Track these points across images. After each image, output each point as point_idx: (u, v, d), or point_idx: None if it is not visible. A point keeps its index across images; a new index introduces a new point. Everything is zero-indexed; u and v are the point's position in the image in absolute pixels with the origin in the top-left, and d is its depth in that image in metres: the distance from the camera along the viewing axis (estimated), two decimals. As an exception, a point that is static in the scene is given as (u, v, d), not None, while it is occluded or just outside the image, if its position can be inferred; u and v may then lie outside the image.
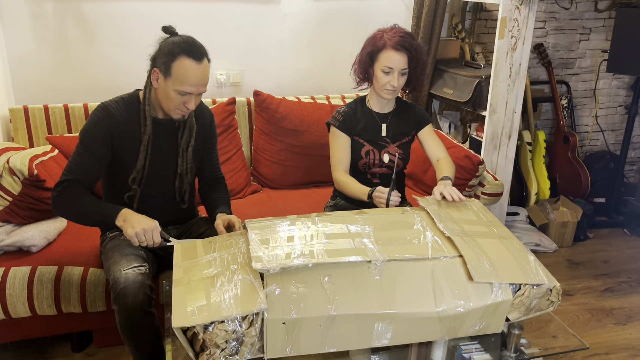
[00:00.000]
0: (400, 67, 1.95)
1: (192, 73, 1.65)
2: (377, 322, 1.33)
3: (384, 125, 2.10)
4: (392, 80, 1.96)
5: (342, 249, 1.43)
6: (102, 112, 1.75)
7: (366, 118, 2.09)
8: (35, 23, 2.56)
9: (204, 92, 1.74)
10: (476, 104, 2.79)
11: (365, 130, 2.08)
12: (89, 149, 1.72)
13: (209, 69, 1.72)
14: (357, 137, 2.08)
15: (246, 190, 2.65)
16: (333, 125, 2.07)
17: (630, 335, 2.38)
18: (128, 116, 1.77)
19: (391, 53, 1.94)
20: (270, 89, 2.88)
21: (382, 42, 1.96)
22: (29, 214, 2.05)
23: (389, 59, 1.94)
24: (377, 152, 2.09)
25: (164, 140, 1.83)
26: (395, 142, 2.11)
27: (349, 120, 2.07)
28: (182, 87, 1.66)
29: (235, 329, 1.25)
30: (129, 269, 1.66)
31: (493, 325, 1.43)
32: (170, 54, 1.65)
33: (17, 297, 1.92)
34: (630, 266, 2.96)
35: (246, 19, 2.82)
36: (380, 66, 1.96)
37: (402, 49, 1.94)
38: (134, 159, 1.79)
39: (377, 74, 1.98)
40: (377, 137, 2.09)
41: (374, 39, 1.99)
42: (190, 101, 1.71)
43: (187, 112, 1.76)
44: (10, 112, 2.48)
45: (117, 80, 2.71)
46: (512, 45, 2.58)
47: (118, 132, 1.75)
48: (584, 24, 3.48)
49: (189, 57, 1.65)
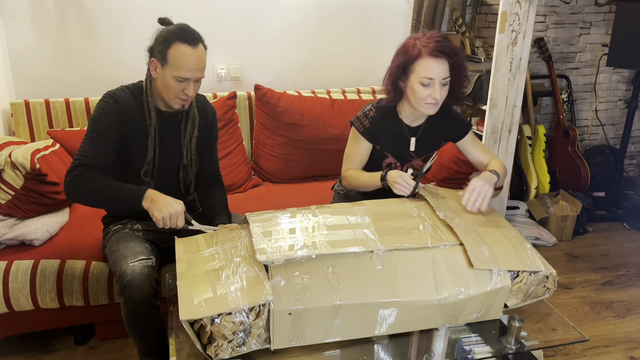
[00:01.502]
0: (442, 76, 1.71)
1: (187, 58, 1.66)
2: (380, 310, 1.34)
3: (413, 139, 1.90)
4: (434, 92, 1.72)
5: (344, 239, 1.44)
6: (111, 99, 1.75)
7: (395, 130, 1.89)
8: (35, 17, 2.56)
9: (202, 78, 1.74)
10: (477, 98, 2.79)
11: (392, 144, 1.90)
12: (101, 133, 1.71)
13: (205, 55, 1.72)
14: (380, 147, 1.91)
15: (247, 184, 2.66)
16: (357, 129, 1.89)
17: (629, 328, 2.40)
18: (135, 104, 1.78)
19: (429, 61, 1.70)
20: (270, 83, 2.88)
21: (416, 51, 1.72)
22: (31, 207, 2.06)
23: (428, 68, 1.70)
24: (400, 166, 1.93)
25: (167, 131, 1.83)
26: (421, 157, 1.95)
27: (375, 128, 1.87)
28: (179, 73, 1.67)
29: (242, 321, 1.26)
30: (136, 262, 1.66)
31: (492, 312, 1.46)
32: (166, 41, 1.67)
33: (20, 291, 1.93)
34: (630, 260, 2.97)
35: (247, 14, 2.83)
36: (417, 78, 1.73)
37: (442, 55, 1.70)
38: (140, 150, 1.79)
39: (414, 87, 1.74)
40: (404, 151, 1.92)
41: (406, 47, 1.76)
42: (189, 87, 1.71)
43: (187, 101, 1.76)
44: (11, 107, 2.48)
45: (118, 74, 2.71)
46: (513, 39, 2.58)
47: (128, 119, 1.75)
48: (584, 18, 3.49)
49: (184, 43, 1.66)
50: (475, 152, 1.96)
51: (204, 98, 1.96)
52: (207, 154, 1.98)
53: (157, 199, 1.65)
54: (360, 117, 1.90)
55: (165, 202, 1.65)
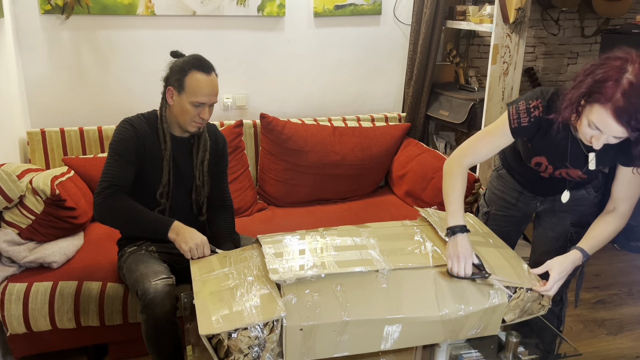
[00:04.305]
0: (613, 134, 1.42)
1: (203, 84, 1.83)
2: (385, 326, 1.44)
3: (592, 156, 1.61)
4: (595, 141, 1.46)
5: (350, 260, 1.54)
6: (128, 125, 1.90)
7: (564, 144, 1.63)
8: (51, 50, 2.69)
9: (215, 103, 1.89)
10: (471, 125, 2.93)
11: (555, 153, 1.67)
12: (122, 156, 1.85)
13: (217, 82, 1.89)
14: (533, 147, 1.68)
15: (253, 208, 2.77)
16: (511, 124, 1.62)
17: (621, 345, 2.49)
18: (150, 131, 1.92)
19: (606, 117, 1.38)
20: (274, 112, 3.01)
21: (608, 93, 1.37)
22: (50, 231, 2.16)
23: (602, 120, 1.40)
24: (552, 169, 1.73)
25: (180, 155, 1.96)
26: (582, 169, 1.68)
27: (532, 130, 1.62)
28: (195, 98, 1.83)
29: (257, 335, 1.36)
30: (158, 280, 1.76)
31: (490, 327, 1.56)
32: (182, 70, 1.83)
33: (38, 312, 2.02)
34: (620, 279, 3.08)
35: (252, 46, 2.97)
36: (587, 117, 1.44)
37: (625, 122, 1.36)
38: (155, 174, 1.92)
39: (582, 120, 1.46)
40: (564, 160, 1.67)
41: (608, 75, 1.38)
42: (205, 111, 1.87)
43: (202, 124, 1.90)
44: (27, 135, 2.59)
45: (130, 104, 2.83)
46: (504, 70, 2.73)
47: (143, 144, 1.89)
48: (571, 49, 3.66)
49: (200, 71, 1.83)
50: (622, 184, 1.65)
51: (215, 127, 2.10)
52: (218, 179, 2.09)
53: (182, 231, 1.77)
54: (520, 109, 1.61)
55: (190, 233, 1.77)
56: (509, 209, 1.95)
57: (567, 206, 1.84)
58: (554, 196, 1.87)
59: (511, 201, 1.94)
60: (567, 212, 1.87)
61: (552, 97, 1.59)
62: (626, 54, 1.41)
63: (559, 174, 1.74)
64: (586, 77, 1.44)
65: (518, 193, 1.92)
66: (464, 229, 1.58)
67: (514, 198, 1.93)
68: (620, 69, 1.38)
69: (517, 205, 1.94)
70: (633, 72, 1.36)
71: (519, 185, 1.92)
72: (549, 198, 1.90)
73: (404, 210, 2.74)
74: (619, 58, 1.40)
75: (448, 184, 1.67)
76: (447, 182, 1.67)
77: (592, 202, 1.82)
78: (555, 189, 1.83)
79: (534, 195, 1.91)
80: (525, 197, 1.92)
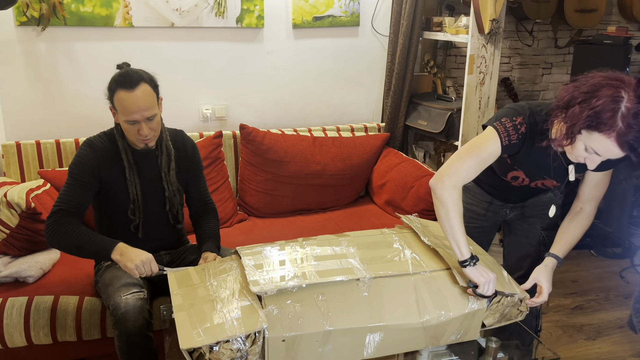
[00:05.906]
0: (613, 157, 1.45)
1: (127, 102, 1.74)
2: (367, 334, 1.44)
3: (572, 167, 1.65)
4: (590, 162, 1.48)
5: (331, 269, 1.54)
6: (87, 146, 1.87)
7: (545, 158, 1.65)
8: (27, 62, 2.66)
9: (153, 115, 1.78)
10: (449, 135, 2.97)
11: (535, 167, 1.71)
12: (77, 180, 1.82)
13: (151, 92, 1.78)
14: (513, 162, 1.71)
15: (233, 219, 2.75)
16: (502, 141, 1.60)
17: (600, 350, 2.53)
18: (112, 148, 1.88)
19: (609, 144, 1.39)
20: (254, 123, 3.01)
21: (610, 123, 1.37)
22: (25, 245, 2.12)
23: (603, 146, 1.41)
24: (529, 181, 1.78)
25: (148, 168, 1.93)
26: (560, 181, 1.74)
27: (519, 147, 1.64)
28: (126, 117, 1.77)
29: (239, 348, 1.35)
30: (129, 295, 1.74)
31: (470, 333, 1.58)
32: (110, 90, 1.80)
33: (14, 327, 1.97)
34: (598, 285, 3.13)
35: (231, 57, 2.97)
36: (584, 142, 1.44)
37: (629, 149, 1.38)
38: (122, 192, 1.89)
39: (577, 144, 1.46)
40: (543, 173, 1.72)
41: (605, 105, 1.37)
42: (142, 128, 1.78)
43: (149, 139, 1.82)
44: (2, 148, 2.55)
45: (106, 116, 2.76)
46: (481, 80, 2.78)
47: (104, 162, 1.86)
48: (546, 59, 3.74)
49: (122, 89, 1.75)
50: (590, 185, 1.72)
51: (182, 132, 2.06)
52: (195, 183, 2.07)
53: (126, 251, 1.72)
54: (507, 127, 1.61)
55: (134, 253, 1.72)
56: (479, 220, 1.99)
57: (536, 210, 1.93)
58: (523, 202, 1.94)
59: (480, 212, 1.98)
60: (537, 216, 1.94)
61: (531, 114, 1.61)
62: (613, 80, 1.41)
63: (535, 184, 1.79)
64: (581, 106, 1.42)
65: (487, 203, 1.97)
66: (475, 257, 1.58)
67: (484, 209, 1.98)
68: (615, 98, 1.37)
69: (486, 216, 1.99)
70: (629, 100, 1.37)
71: (488, 196, 1.96)
72: (518, 205, 1.96)
73: (384, 220, 2.75)
74: (611, 86, 1.39)
75: (450, 214, 1.58)
76: (448, 213, 1.59)
77: (557, 204, 1.88)
78: (526, 195, 1.91)
79: (503, 204, 1.96)
80: (494, 207, 1.97)
